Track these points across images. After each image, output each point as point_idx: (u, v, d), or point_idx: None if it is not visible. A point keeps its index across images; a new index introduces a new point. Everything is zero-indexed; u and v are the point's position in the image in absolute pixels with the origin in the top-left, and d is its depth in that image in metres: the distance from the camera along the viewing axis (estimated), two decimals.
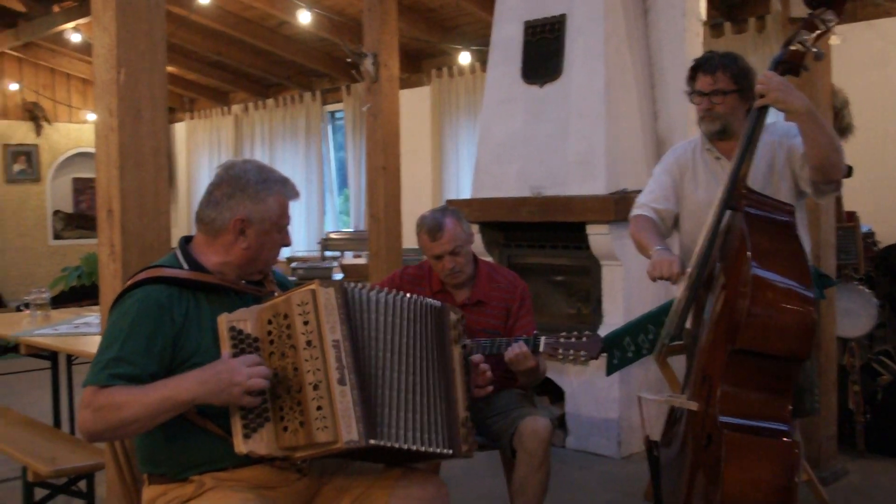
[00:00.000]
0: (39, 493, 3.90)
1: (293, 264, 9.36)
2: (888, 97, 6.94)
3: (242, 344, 2.42)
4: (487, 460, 4.50)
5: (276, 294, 2.60)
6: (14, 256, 12.46)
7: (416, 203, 8.20)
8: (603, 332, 5.04)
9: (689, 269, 3.23)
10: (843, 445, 5.26)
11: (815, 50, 3.14)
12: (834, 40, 3.41)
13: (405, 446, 2.49)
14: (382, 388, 2.49)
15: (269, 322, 2.44)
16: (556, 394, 5.78)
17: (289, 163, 11.60)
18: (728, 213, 3.15)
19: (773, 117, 3.35)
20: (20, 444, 3.71)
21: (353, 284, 2.57)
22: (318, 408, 2.34)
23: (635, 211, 3.71)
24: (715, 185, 3.28)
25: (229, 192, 2.56)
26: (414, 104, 10.04)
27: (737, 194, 3.16)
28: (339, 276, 8.65)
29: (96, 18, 3.39)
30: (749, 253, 2.96)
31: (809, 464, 4.51)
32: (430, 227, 3.71)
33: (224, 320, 2.42)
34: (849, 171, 5.30)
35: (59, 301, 9.44)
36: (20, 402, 6.32)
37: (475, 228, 6.09)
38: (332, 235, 10.11)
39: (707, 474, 2.96)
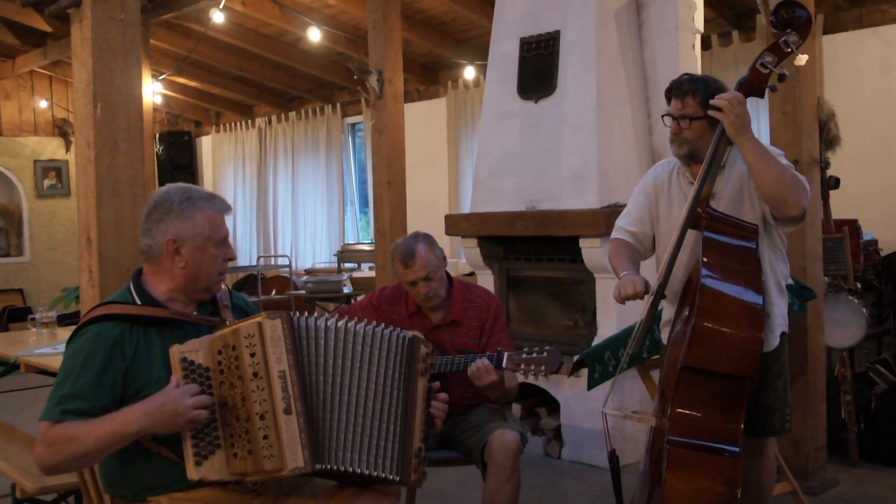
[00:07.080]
0: None
1: (304, 278, 9.45)
2: (893, 104, 6.90)
3: (194, 374, 2.51)
4: (477, 474, 4.57)
5: (228, 323, 2.67)
6: (44, 270, 12.74)
7: (432, 213, 8.30)
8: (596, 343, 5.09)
9: (653, 288, 3.30)
10: (836, 456, 5.27)
11: (779, 71, 3.20)
12: (800, 61, 3.43)
13: (350, 469, 2.58)
14: (331, 412, 2.57)
15: (220, 352, 2.51)
16: (552, 405, 5.85)
17: (311, 174, 11.75)
18: (693, 233, 3.23)
19: None
20: (14, 461, 3.83)
21: (301, 314, 2.64)
22: (265, 437, 2.44)
23: (613, 234, 3.70)
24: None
25: (157, 216, 2.65)
26: (431, 115, 10.15)
27: (697, 215, 3.23)
28: (348, 288, 8.76)
29: (75, 54, 3.55)
30: (700, 273, 3.05)
31: (796, 475, 4.54)
32: (403, 254, 3.79)
33: (176, 352, 2.52)
34: (836, 183, 5.34)
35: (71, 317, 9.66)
36: (29, 420, 6.45)
37: (473, 242, 6.18)
38: (349, 247, 10.20)
39: (659, 487, 3.05)
